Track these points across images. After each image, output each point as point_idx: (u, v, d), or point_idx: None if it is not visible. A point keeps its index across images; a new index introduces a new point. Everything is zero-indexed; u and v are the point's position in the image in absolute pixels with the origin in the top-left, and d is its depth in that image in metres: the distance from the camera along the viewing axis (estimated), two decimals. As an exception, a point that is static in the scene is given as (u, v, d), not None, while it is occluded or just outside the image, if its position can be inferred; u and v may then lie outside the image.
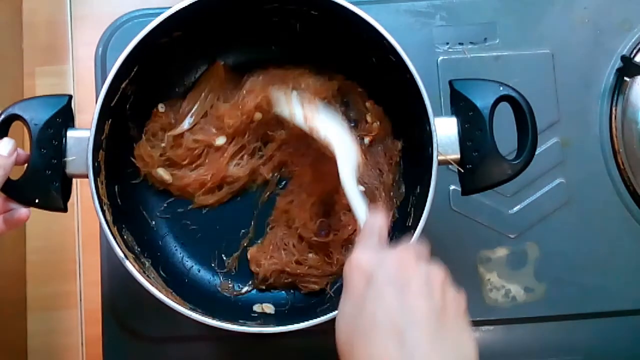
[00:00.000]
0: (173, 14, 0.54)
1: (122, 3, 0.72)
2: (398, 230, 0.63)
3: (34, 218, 0.70)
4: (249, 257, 0.64)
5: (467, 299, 0.65)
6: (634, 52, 0.70)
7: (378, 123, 0.65)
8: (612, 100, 0.70)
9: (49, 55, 0.74)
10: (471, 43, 0.71)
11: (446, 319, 0.37)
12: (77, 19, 0.74)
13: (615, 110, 0.70)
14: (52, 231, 0.71)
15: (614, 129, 0.70)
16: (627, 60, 0.70)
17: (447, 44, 0.71)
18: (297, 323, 0.52)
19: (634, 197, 0.68)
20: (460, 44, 0.71)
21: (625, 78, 0.70)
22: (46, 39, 0.74)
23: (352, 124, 0.66)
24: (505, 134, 0.55)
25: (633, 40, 0.71)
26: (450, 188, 0.68)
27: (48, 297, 0.70)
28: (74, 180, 0.69)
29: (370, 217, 0.47)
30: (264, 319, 0.60)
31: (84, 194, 0.70)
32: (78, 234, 0.70)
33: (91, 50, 0.70)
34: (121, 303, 0.66)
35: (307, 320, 0.52)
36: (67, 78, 0.72)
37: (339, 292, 0.61)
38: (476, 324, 0.67)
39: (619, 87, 0.70)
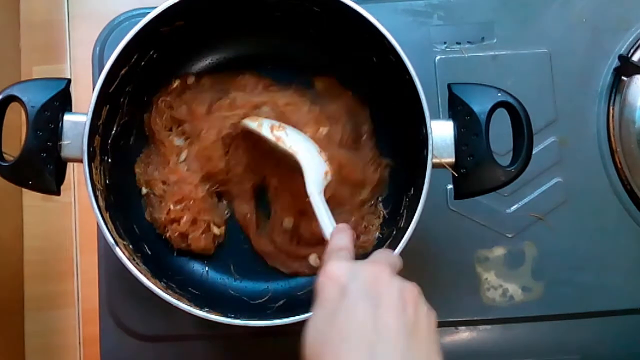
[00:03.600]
0: (176, 3, 0.55)
1: (120, 2, 0.72)
2: (389, 232, 0.63)
3: (32, 218, 0.71)
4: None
5: (465, 298, 0.66)
6: (632, 51, 0.71)
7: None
8: (610, 99, 0.70)
9: (46, 54, 0.74)
10: (469, 42, 0.71)
11: (417, 336, 0.37)
12: (75, 18, 0.74)
13: (613, 109, 0.70)
14: (50, 231, 0.71)
15: (611, 128, 0.70)
16: (624, 59, 0.70)
17: (445, 43, 0.71)
18: (289, 317, 0.52)
19: (632, 197, 0.68)
20: (458, 43, 0.71)
21: (623, 77, 0.70)
22: (44, 38, 0.74)
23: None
24: (504, 133, 0.55)
25: (630, 39, 0.71)
26: (448, 187, 0.68)
27: (45, 296, 0.70)
28: (72, 181, 0.70)
29: (336, 232, 0.48)
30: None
31: (82, 194, 0.70)
32: (75, 233, 0.70)
33: (89, 49, 0.70)
34: (118, 302, 0.66)
35: (300, 315, 0.52)
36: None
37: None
38: (474, 323, 0.67)
39: (616, 87, 0.70)
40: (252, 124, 0.60)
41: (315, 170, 0.56)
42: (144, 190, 0.65)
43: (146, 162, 0.65)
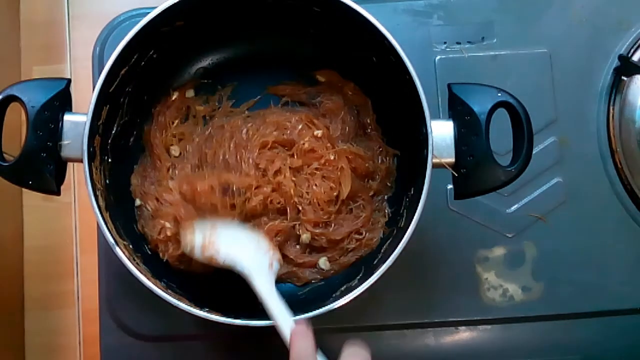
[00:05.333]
0: (176, 3, 0.55)
1: (120, 2, 0.72)
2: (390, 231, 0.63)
3: (32, 218, 0.71)
4: None
5: (465, 298, 0.66)
6: (632, 51, 0.71)
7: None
8: (610, 99, 0.70)
9: (46, 54, 0.74)
10: (469, 42, 0.71)
11: None
12: (75, 18, 0.74)
13: (613, 109, 0.70)
14: (50, 231, 0.71)
15: (611, 128, 0.70)
16: (624, 59, 0.70)
17: (445, 43, 0.71)
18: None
19: (632, 197, 0.68)
20: (458, 43, 0.71)
21: (623, 77, 0.70)
22: (44, 39, 0.74)
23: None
24: (504, 133, 0.55)
25: (630, 39, 0.71)
26: (448, 187, 0.68)
27: (46, 296, 0.70)
28: (72, 181, 0.70)
29: (298, 336, 0.48)
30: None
31: (82, 193, 0.70)
32: (76, 233, 0.70)
33: (89, 49, 0.70)
34: (119, 302, 0.66)
35: (300, 315, 0.52)
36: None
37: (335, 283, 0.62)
38: (473, 323, 0.67)
39: (616, 86, 0.70)
40: (186, 244, 0.57)
41: (260, 269, 0.55)
42: (138, 202, 0.63)
43: (143, 174, 0.64)
